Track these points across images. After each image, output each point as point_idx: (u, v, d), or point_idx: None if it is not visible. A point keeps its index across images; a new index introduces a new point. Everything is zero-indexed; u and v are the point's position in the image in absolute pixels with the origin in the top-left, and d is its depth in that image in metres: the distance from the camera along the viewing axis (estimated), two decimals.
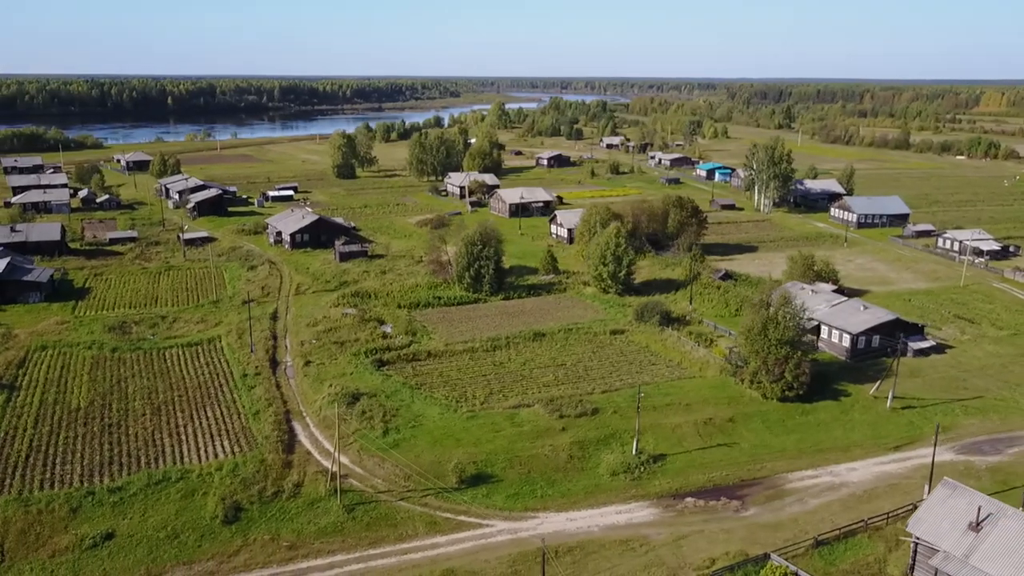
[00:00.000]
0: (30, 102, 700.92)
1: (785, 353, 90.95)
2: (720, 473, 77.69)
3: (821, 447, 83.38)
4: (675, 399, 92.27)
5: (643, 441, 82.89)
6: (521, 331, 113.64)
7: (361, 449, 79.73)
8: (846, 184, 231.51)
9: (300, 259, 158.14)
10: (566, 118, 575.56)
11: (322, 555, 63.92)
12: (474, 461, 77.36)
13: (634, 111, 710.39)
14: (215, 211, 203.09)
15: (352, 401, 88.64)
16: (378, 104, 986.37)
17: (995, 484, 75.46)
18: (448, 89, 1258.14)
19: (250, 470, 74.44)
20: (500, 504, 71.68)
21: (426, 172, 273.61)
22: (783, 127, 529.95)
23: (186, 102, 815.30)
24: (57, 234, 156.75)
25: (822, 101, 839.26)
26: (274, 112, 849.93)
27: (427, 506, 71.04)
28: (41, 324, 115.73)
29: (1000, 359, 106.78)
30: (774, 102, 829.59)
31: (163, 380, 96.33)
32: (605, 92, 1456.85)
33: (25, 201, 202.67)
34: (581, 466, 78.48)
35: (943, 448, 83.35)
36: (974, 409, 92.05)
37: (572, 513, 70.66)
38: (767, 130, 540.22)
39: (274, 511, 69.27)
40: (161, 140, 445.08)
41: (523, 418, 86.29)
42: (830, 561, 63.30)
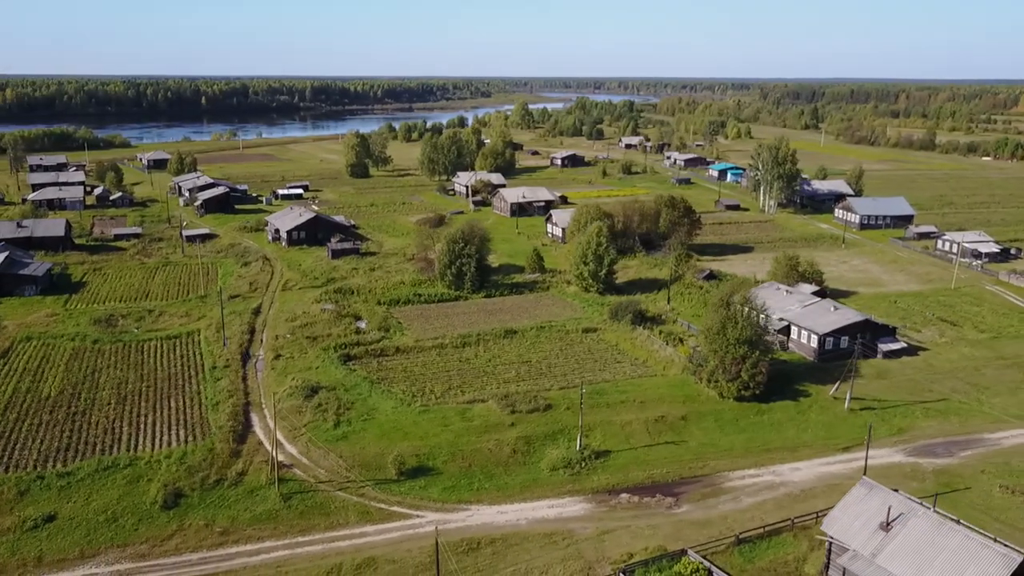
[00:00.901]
0: (68, 102, 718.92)
1: (743, 353, 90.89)
2: (661, 470, 78.06)
3: (770, 447, 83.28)
4: (631, 397, 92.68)
5: (592, 438, 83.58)
6: (494, 328, 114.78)
7: (310, 440, 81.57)
8: (855, 185, 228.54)
9: (295, 256, 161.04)
10: (591, 118, 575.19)
11: (252, 541, 65.75)
12: (417, 454, 78.72)
13: (661, 111, 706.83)
14: (222, 209, 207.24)
15: (310, 394, 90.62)
16: (409, 104, 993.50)
17: (938, 486, 74.83)
18: (479, 89, 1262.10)
19: (197, 458, 76.64)
20: (435, 496, 72.92)
21: (437, 172, 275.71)
22: (810, 127, 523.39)
23: (219, 102, 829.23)
24: (61, 230, 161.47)
25: (855, 101, 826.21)
26: (305, 112, 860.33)
27: (363, 496, 72.56)
28: (31, 316, 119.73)
29: (973, 362, 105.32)
30: (807, 102, 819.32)
31: (136, 371, 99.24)
32: (638, 92, 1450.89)
33: (41, 198, 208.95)
34: (524, 461, 79.42)
35: (894, 450, 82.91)
36: (935, 411, 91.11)
37: (504, 506, 71.65)
38: (794, 130, 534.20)
39: (214, 498, 71.30)
40: (188, 139, 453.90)
41: (475, 413, 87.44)
42: (749, 559, 63.50)
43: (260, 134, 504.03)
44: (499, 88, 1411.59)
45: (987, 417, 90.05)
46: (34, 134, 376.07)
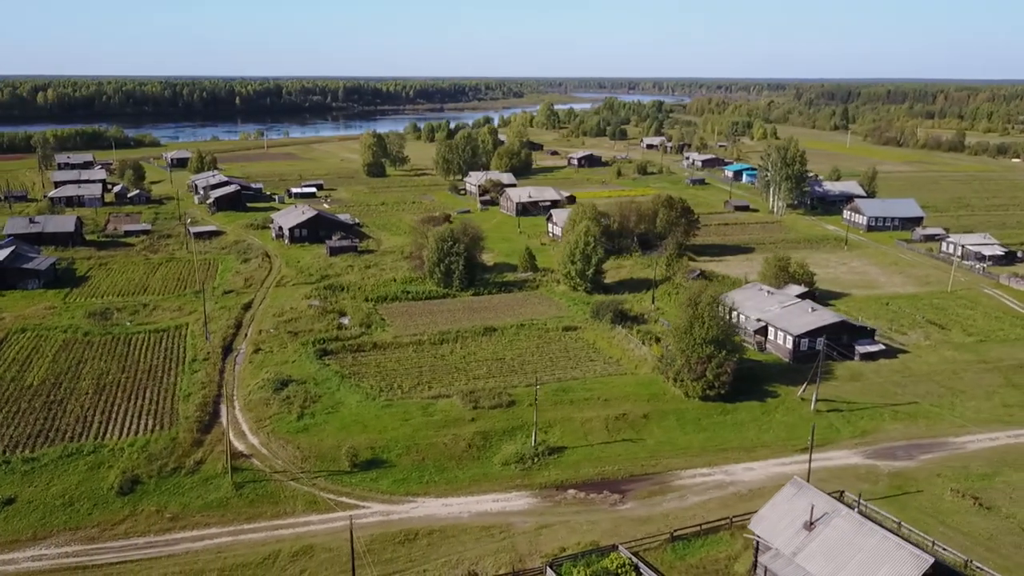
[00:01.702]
0: (107, 102, 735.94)
1: (709, 352, 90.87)
2: (613, 467, 78.52)
3: (727, 446, 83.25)
4: (597, 394, 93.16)
5: (550, 434, 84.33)
6: (474, 326, 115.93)
7: (272, 432, 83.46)
8: (868, 186, 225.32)
9: (295, 253, 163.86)
10: (617, 118, 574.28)
11: (199, 527, 67.69)
12: (372, 447, 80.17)
13: (691, 112, 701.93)
14: (233, 206, 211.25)
15: (280, 387, 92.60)
16: (440, 105, 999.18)
17: (890, 489, 74.36)
18: (512, 90, 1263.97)
19: (159, 447, 78.92)
20: (384, 488, 74.27)
21: (452, 171, 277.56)
22: (839, 128, 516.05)
23: (253, 102, 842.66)
24: (71, 226, 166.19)
25: (892, 102, 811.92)
26: (337, 112, 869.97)
27: (314, 487, 74.17)
28: (30, 309, 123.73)
29: (953, 365, 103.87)
30: (841, 103, 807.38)
31: (119, 363, 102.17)
32: (673, 93, 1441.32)
33: (60, 195, 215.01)
34: (478, 455, 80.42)
35: (854, 451, 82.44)
36: (904, 414, 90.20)
37: (450, 499, 72.75)
38: (823, 131, 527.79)
39: (169, 485, 73.43)
40: (216, 139, 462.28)
41: (437, 408, 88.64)
42: (681, 555, 63.80)
43: (287, 133, 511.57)
44: (532, 88, 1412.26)
45: (955, 421, 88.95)
46: (66, 133, 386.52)
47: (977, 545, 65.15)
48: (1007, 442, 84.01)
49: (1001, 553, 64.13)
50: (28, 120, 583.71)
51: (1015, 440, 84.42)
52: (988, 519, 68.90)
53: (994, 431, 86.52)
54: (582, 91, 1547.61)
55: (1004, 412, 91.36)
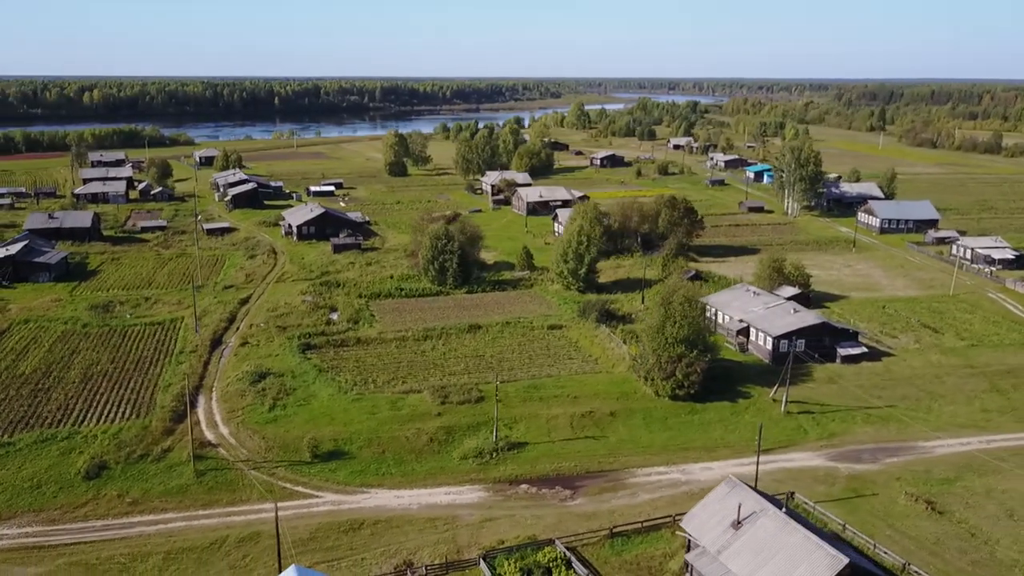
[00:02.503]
0: (150, 102, 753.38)
1: (680, 352, 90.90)
2: (570, 464, 79.09)
3: (690, 446, 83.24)
4: (569, 392, 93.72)
5: (515, 430, 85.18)
6: (460, 323, 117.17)
7: (242, 422, 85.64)
8: (887, 188, 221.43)
9: (302, 250, 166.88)
10: (650, 118, 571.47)
11: (156, 512, 69.96)
12: (336, 439, 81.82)
13: (727, 112, 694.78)
14: (250, 204, 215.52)
15: (258, 379, 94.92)
16: (476, 105, 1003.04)
17: (845, 491, 73.84)
18: (549, 90, 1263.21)
19: (130, 434, 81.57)
20: (340, 479, 75.84)
21: (471, 171, 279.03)
22: (875, 129, 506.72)
23: (292, 102, 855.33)
24: (88, 222, 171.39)
25: (935, 102, 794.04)
26: (374, 112, 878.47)
27: (273, 476, 76.06)
28: (37, 301, 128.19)
29: (938, 369, 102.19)
30: (883, 103, 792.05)
31: (111, 354, 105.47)
32: (713, 93, 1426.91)
33: (86, 192, 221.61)
34: (439, 450, 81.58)
35: (817, 454, 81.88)
36: (876, 418, 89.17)
37: (402, 491, 74.03)
38: (859, 132, 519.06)
39: (134, 472, 75.88)
40: (249, 138, 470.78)
41: (407, 402, 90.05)
42: (618, 551, 64.21)
43: (319, 133, 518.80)
44: (570, 89, 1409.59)
45: (929, 426, 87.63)
46: (104, 132, 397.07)
47: (921, 549, 64.49)
48: (978, 447, 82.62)
49: (944, 558, 63.39)
50: (74, 120, 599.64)
51: (986, 446, 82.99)
52: (938, 523, 68.03)
53: (967, 436, 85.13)
54: (622, 91, 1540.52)
55: (982, 417, 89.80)
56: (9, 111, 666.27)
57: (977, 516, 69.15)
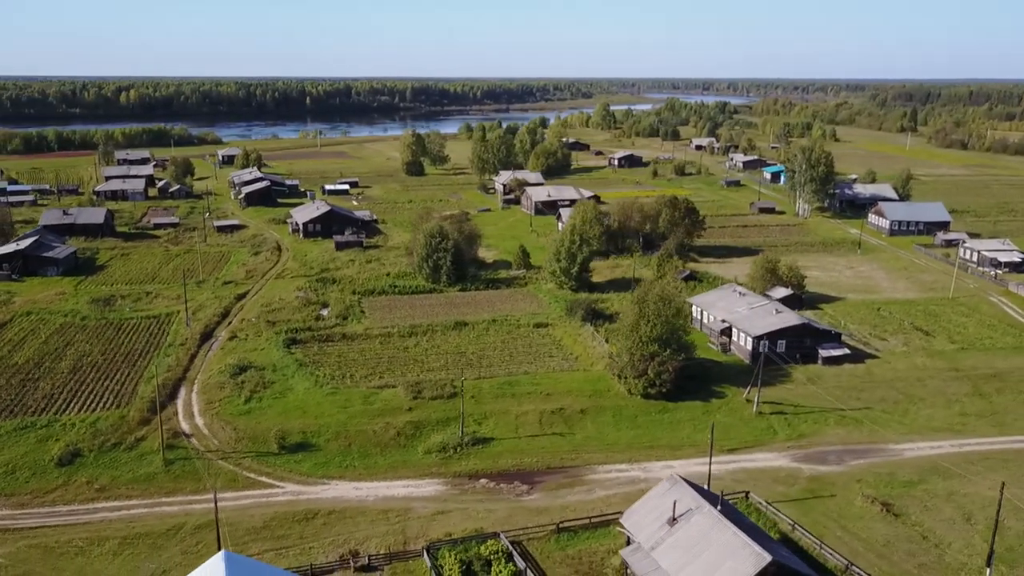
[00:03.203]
0: (185, 102, 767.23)
1: (653, 350, 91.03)
2: (532, 459, 79.73)
3: (656, 444, 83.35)
4: (543, 389, 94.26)
5: (483, 426, 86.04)
6: (446, 320, 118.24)
7: (217, 414, 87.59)
8: (902, 189, 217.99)
9: (306, 247, 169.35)
10: (678, 119, 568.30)
11: (121, 499, 72.05)
12: (305, 431, 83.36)
13: (756, 113, 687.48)
14: (263, 202, 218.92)
15: (238, 372, 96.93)
16: (506, 105, 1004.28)
17: (804, 492, 73.53)
18: (580, 90, 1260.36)
19: (107, 424, 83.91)
20: (304, 470, 77.32)
21: (487, 170, 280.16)
22: (907, 130, 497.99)
23: (323, 102, 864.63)
24: (101, 218, 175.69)
25: (973, 103, 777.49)
26: (404, 112, 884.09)
27: (239, 466, 77.79)
28: (42, 294, 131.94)
29: (921, 372, 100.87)
30: (920, 104, 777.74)
31: (103, 345, 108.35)
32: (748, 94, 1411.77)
33: (106, 189, 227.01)
34: (405, 444, 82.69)
35: (783, 454, 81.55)
36: (850, 420, 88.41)
37: (362, 483, 75.27)
38: (889, 133, 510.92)
39: (106, 459, 78.11)
40: (276, 137, 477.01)
41: (380, 397, 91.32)
42: (563, 546, 64.73)
43: (345, 133, 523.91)
44: (602, 89, 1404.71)
45: (901, 428, 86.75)
46: (134, 131, 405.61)
47: (869, 551, 64.06)
48: (949, 451, 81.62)
49: (891, 560, 62.92)
50: (111, 119, 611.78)
51: (958, 449, 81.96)
52: (892, 526, 67.46)
53: (939, 440, 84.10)
54: (655, 92, 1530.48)
55: (958, 421, 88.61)
56: (49, 111, 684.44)
57: (933, 519, 68.43)
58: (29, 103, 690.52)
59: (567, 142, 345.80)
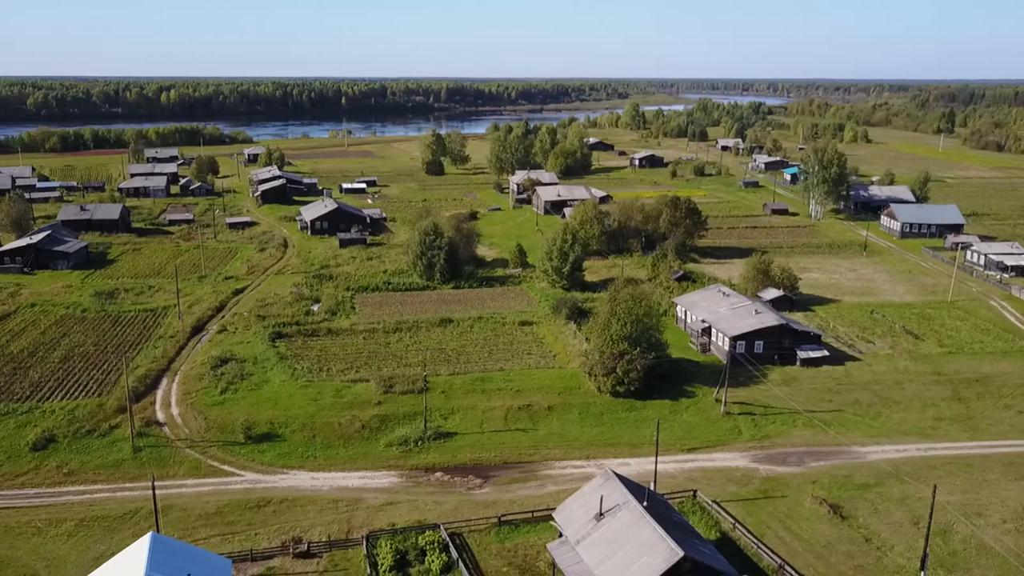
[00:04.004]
0: (224, 102, 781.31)
1: (622, 348, 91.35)
2: (490, 454, 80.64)
3: (617, 442, 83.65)
4: (515, 385, 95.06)
5: (449, 420, 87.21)
6: (433, 317, 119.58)
7: (192, 404, 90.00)
8: (919, 191, 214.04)
9: (311, 244, 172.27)
10: (710, 119, 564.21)
11: (87, 483, 74.56)
12: (272, 422, 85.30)
13: (791, 113, 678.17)
14: (278, 199, 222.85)
15: (220, 364, 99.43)
16: (540, 106, 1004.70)
17: (755, 492, 73.33)
18: (616, 91, 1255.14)
19: (85, 411, 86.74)
20: (266, 460, 79.20)
21: (505, 170, 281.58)
22: (943, 131, 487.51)
23: (359, 102, 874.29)
24: (116, 214, 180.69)
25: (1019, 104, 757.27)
26: (439, 112, 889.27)
27: (205, 454, 79.94)
28: (49, 287, 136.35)
29: (902, 376, 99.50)
30: (962, 105, 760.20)
31: (97, 337, 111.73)
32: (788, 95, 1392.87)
33: (129, 186, 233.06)
34: (369, 436, 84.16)
35: (743, 454, 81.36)
36: (819, 422, 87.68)
37: (319, 474, 76.90)
38: (924, 135, 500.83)
39: (79, 445, 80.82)
40: (307, 136, 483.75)
41: (352, 390, 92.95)
42: (502, 539, 65.52)
43: (374, 132, 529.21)
44: (639, 90, 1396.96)
45: (872, 431, 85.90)
46: (167, 130, 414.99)
47: (808, 552, 63.80)
48: (914, 455, 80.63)
49: (829, 561, 62.60)
50: (152, 118, 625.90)
51: (923, 454, 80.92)
52: (837, 527, 67.03)
53: (906, 444, 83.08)
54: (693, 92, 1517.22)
55: (930, 425, 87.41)
56: (92, 110, 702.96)
57: (880, 522, 67.81)
58: (74, 102, 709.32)
59: (588, 142, 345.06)
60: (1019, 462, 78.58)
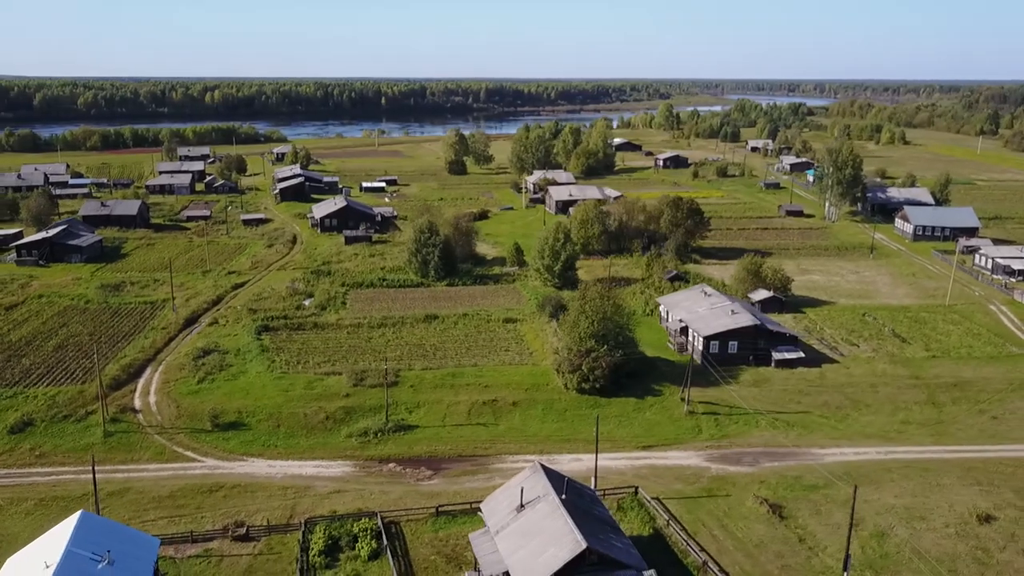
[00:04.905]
0: (266, 102, 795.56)
1: (589, 346, 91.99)
2: (446, 447, 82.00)
3: (574, 437, 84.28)
4: (483, 381, 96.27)
5: (414, 414, 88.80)
6: (418, 313, 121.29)
7: (168, 392, 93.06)
8: (940, 194, 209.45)
9: (320, 240, 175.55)
10: (745, 120, 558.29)
11: (55, 465, 77.82)
12: (241, 411, 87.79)
13: (832, 114, 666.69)
14: (296, 197, 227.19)
15: (202, 355, 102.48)
16: (579, 106, 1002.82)
17: (700, 491, 73.42)
18: (658, 91, 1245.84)
19: (66, 397, 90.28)
20: (229, 447, 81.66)
21: (525, 169, 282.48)
22: (986, 133, 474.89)
23: (398, 102, 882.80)
24: (134, 210, 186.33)
25: None
26: (478, 113, 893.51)
27: (172, 440, 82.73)
28: (58, 279, 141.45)
29: (878, 379, 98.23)
30: (1014, 106, 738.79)
31: (94, 327, 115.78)
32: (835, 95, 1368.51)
33: (155, 183, 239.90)
34: (331, 427, 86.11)
35: (697, 453, 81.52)
36: (782, 423, 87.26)
37: (277, 462, 79.09)
38: (967, 136, 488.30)
39: (54, 429, 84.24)
40: (341, 136, 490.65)
41: (323, 383, 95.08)
42: (436, 528, 66.79)
43: (406, 132, 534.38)
44: (682, 90, 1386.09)
45: (834, 433, 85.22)
46: (203, 129, 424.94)
47: (738, 550, 63.85)
48: (872, 458, 79.84)
49: (757, 560, 62.60)
50: (196, 117, 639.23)
51: (882, 457, 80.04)
52: (773, 528, 66.88)
53: (867, 447, 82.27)
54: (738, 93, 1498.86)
55: (896, 429, 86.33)
56: (139, 109, 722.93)
57: (819, 524, 67.45)
58: (122, 102, 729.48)
59: (614, 142, 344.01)
60: (978, 467, 77.31)
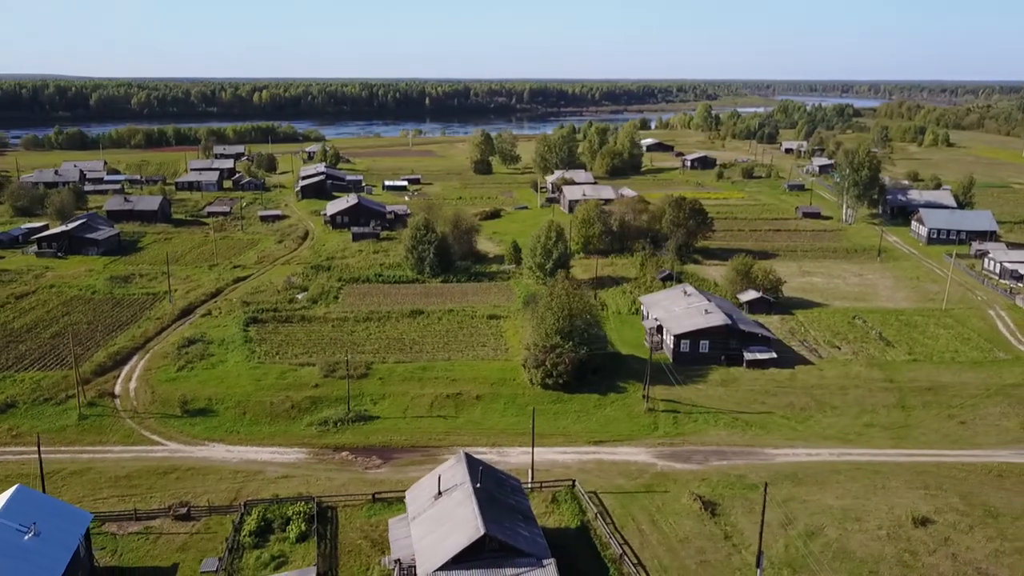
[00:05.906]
0: (312, 102, 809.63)
1: (554, 342, 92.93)
2: (401, 438, 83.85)
3: (528, 431, 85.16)
4: (452, 375, 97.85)
5: (377, 405, 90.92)
6: (404, 308, 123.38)
7: (147, 379, 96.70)
8: (963, 196, 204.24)
9: (329, 236, 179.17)
10: (787, 121, 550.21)
11: (29, 444, 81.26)
12: (211, 398, 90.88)
13: (880, 115, 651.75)
14: (317, 194, 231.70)
15: (187, 344, 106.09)
16: (623, 107, 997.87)
17: (639, 487, 73.94)
18: (705, 92, 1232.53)
19: (50, 382, 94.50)
20: (193, 432, 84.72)
21: (549, 169, 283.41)
22: None
23: (441, 103, 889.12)
24: (156, 205, 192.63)
25: None
26: (521, 113, 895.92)
27: (141, 424, 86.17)
28: (72, 270, 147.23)
29: (848, 381, 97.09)
30: None
31: (94, 316, 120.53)
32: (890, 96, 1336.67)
33: (184, 180, 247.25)
34: (295, 416, 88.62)
35: (647, 449, 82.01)
36: (741, 423, 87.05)
37: (236, 447, 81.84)
38: (1017, 139, 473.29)
39: (34, 412, 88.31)
40: (378, 136, 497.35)
41: (296, 373, 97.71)
42: (370, 514, 68.49)
43: (443, 132, 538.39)
44: (731, 91, 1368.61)
45: (792, 434, 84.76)
46: (244, 129, 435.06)
47: (661, 544, 64.29)
48: (825, 459, 79.27)
49: (677, 555, 62.96)
50: (245, 117, 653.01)
51: (835, 459, 79.40)
52: (703, 524, 67.05)
53: (822, 448, 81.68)
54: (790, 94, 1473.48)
55: (856, 431, 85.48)
56: (190, 109, 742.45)
57: (749, 521, 67.22)
58: (173, 102, 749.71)
59: (644, 143, 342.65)
60: (930, 471, 76.24)
